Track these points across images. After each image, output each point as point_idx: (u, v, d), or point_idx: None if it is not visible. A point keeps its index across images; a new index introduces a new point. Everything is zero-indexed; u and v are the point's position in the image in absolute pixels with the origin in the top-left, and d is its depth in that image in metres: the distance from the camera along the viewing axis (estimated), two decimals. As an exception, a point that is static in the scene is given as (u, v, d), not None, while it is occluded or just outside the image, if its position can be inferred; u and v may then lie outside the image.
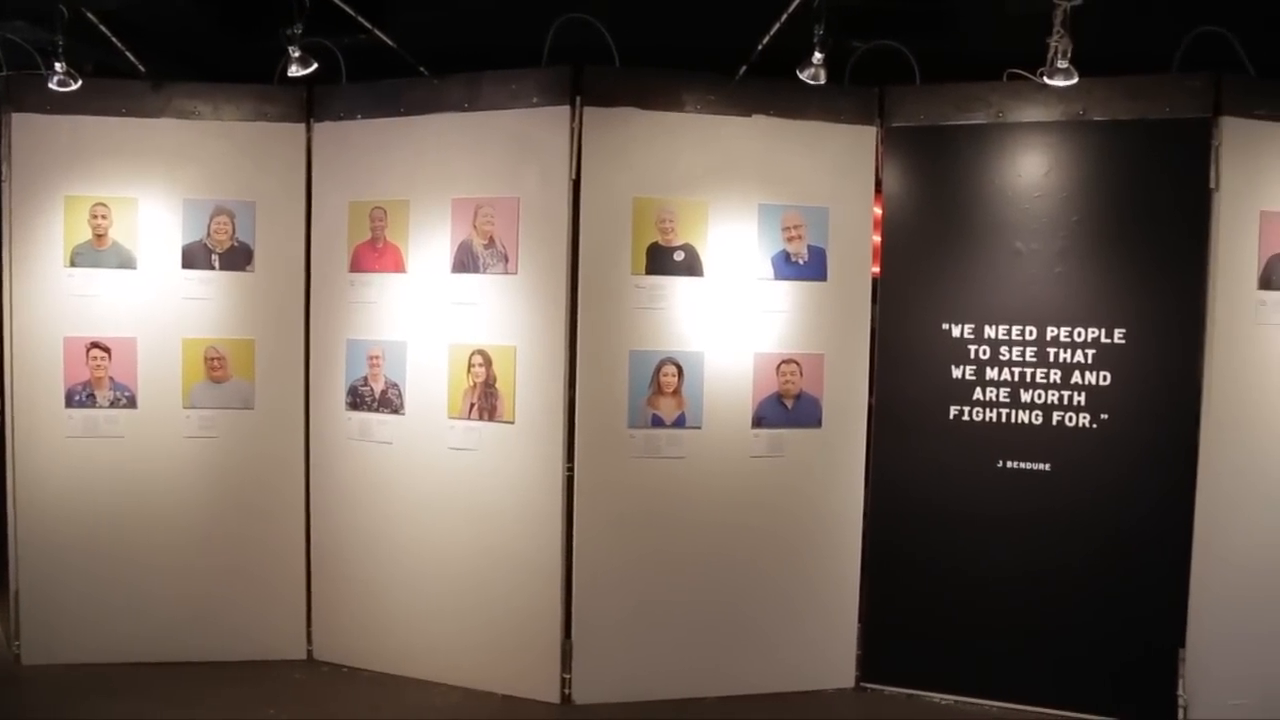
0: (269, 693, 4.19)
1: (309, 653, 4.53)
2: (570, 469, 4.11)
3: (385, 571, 4.40)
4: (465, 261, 4.23)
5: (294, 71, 3.98)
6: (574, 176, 4.07)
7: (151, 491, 4.41)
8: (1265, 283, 4.05)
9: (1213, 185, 3.98)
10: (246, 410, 4.44)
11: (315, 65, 4.01)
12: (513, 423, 4.16)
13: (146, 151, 4.37)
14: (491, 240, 4.19)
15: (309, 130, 4.44)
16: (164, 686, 4.22)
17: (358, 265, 4.39)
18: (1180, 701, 4.03)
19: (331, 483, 4.47)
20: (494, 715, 4.09)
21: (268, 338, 4.46)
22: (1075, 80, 3.71)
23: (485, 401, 4.20)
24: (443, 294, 4.27)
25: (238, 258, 4.42)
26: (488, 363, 4.19)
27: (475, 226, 4.20)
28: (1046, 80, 3.74)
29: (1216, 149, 3.97)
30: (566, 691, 4.16)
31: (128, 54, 4.38)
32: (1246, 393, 4.04)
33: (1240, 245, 4.01)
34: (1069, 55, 3.65)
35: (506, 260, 4.17)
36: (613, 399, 4.13)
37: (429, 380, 4.28)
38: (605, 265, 4.11)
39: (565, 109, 4.06)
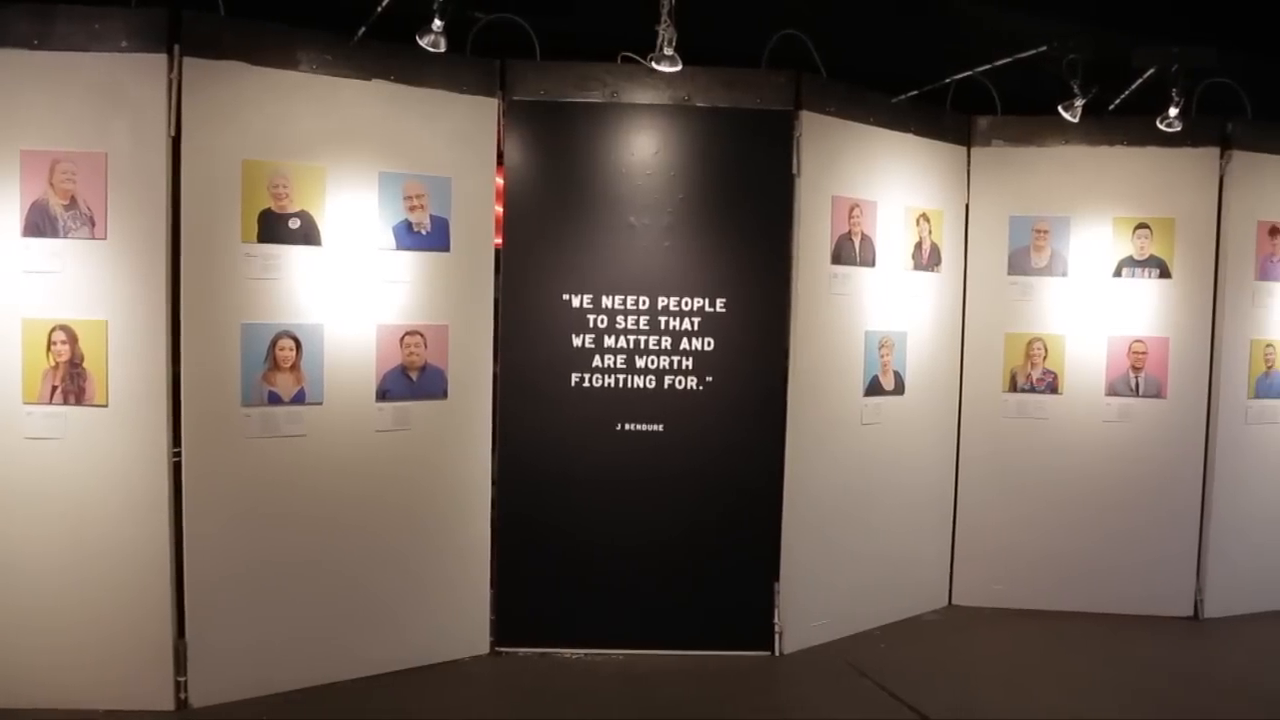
0: None
1: None
2: (177, 454, 3.80)
3: (-55, 587, 3.78)
4: (40, 224, 3.72)
5: None
6: (173, 133, 3.74)
7: None
8: (836, 258, 4.67)
9: (795, 171, 4.49)
10: None
11: None
12: (106, 406, 3.75)
13: None
14: (73, 200, 3.72)
15: None
16: None
17: (-106, 226, 3.70)
18: (776, 628, 4.57)
19: None
20: (92, 733, 3.68)
21: None
22: (679, 68, 4.00)
23: (71, 383, 3.74)
24: (12, 261, 3.72)
25: None
26: (72, 339, 3.73)
27: (52, 184, 3.71)
28: (655, 65, 4.00)
29: (798, 139, 4.49)
30: (182, 696, 3.85)
31: None
32: (821, 355, 4.64)
33: (817, 225, 4.59)
34: (674, 43, 3.92)
35: (92, 223, 3.72)
36: (224, 376, 3.86)
37: (-4, 361, 3.73)
38: (212, 232, 3.82)
39: (161, 57, 3.72)
